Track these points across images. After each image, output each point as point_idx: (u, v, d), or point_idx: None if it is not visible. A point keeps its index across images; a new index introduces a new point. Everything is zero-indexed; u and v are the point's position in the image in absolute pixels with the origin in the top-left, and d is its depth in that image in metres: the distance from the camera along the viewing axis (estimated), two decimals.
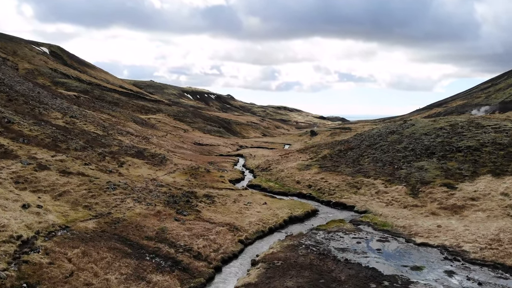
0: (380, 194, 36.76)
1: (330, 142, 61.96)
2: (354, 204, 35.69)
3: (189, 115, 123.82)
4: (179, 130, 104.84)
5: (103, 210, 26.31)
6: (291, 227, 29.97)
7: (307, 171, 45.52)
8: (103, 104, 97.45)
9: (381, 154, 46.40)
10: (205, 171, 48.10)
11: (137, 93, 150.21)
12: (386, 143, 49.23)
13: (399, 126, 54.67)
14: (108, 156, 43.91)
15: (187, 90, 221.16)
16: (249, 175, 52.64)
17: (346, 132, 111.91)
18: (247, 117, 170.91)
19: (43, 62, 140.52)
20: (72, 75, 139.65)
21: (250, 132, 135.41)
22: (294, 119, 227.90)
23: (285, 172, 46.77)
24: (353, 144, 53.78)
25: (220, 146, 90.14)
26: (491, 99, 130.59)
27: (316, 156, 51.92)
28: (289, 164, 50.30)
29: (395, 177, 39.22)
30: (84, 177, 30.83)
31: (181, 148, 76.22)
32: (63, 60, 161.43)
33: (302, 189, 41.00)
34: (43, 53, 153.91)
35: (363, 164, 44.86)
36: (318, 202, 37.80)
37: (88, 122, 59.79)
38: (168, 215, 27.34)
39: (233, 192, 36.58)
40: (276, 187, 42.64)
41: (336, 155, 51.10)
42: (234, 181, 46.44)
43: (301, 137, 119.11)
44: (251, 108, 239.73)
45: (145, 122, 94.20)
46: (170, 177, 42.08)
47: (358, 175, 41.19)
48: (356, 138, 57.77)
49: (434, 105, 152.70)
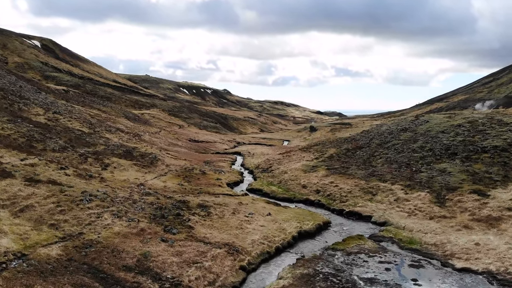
0: (400, 202, 31.72)
1: (335, 140, 56.88)
2: (370, 213, 30.65)
3: (184, 110, 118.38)
4: (174, 126, 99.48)
5: (73, 230, 21.10)
6: (301, 245, 24.91)
7: (314, 173, 40.41)
8: (94, 99, 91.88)
9: (395, 154, 41.35)
10: (200, 173, 42.92)
11: (131, 87, 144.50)
12: (399, 142, 44.18)
13: (411, 123, 49.63)
14: (91, 158, 38.63)
15: (183, 85, 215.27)
16: (249, 177, 47.51)
17: (346, 128, 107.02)
18: (244, 112, 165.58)
19: (34, 55, 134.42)
20: (63, 69, 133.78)
21: (247, 127, 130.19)
22: (291, 114, 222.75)
23: (288, 174, 41.62)
24: (361, 143, 48.72)
25: (216, 143, 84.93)
26: (494, 94, 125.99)
27: (321, 156, 46.81)
28: (293, 165, 45.18)
29: (415, 182, 34.17)
30: (55, 186, 25.57)
31: (175, 145, 70.95)
32: (55, 54, 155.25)
33: (309, 194, 35.90)
34: (34, 46, 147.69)
35: (376, 166, 39.80)
36: (328, 210, 32.74)
37: (74, 118, 54.39)
38: (154, 234, 22.18)
39: (232, 200, 31.45)
40: (279, 192, 37.50)
41: (344, 154, 46.02)
42: (233, 184, 41.30)
43: (300, 133, 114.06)
44: (248, 103, 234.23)
45: (138, 118, 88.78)
46: (160, 181, 36.88)
47: (372, 179, 36.11)
48: (363, 135, 52.70)
49: (435, 100, 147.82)
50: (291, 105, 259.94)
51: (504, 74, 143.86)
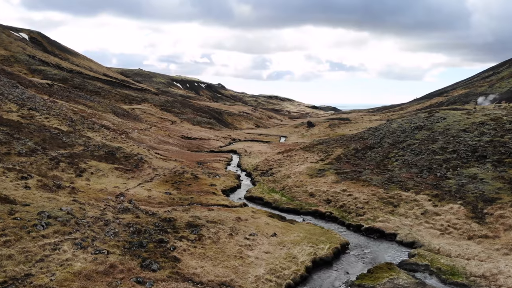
0: (429, 216, 26.34)
1: (338, 138, 51.42)
2: (395, 231, 25.25)
3: (177, 105, 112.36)
4: (166, 121, 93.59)
5: (18, 271, 15.46)
6: (317, 279, 19.44)
7: (321, 178, 34.90)
8: (81, 94, 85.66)
9: (413, 156, 35.97)
10: (191, 178, 37.31)
11: (122, 81, 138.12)
12: (416, 142, 38.80)
13: (425, 120, 44.25)
14: (65, 162, 32.87)
15: (176, 79, 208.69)
16: (246, 180, 41.96)
17: (345, 124, 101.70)
18: (239, 107, 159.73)
19: (21, 48, 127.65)
20: (51, 63, 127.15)
21: (242, 123, 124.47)
22: (286, 109, 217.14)
23: (292, 179, 36.08)
24: (371, 142, 43.30)
25: (210, 140, 79.26)
26: (495, 88, 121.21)
27: (327, 157, 41.35)
28: (296, 168, 39.67)
29: (443, 191, 28.78)
30: (4, 206, 19.85)
31: (166, 143, 65.21)
32: (43, 47, 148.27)
33: (318, 205, 30.40)
34: (22, 39, 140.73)
35: (393, 170, 34.39)
36: (342, 225, 27.31)
37: (52, 115, 48.44)
38: (127, 271, 16.60)
39: (229, 214, 25.90)
40: (283, 201, 31.95)
41: (353, 155, 40.59)
42: (229, 191, 35.76)
43: (297, 129, 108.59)
44: (243, 98, 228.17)
45: (127, 113, 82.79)
46: (144, 189, 31.22)
47: (392, 187, 30.68)
48: (371, 133, 47.27)
49: (434, 94, 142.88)
50: (286, 100, 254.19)
51: (504, 68, 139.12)
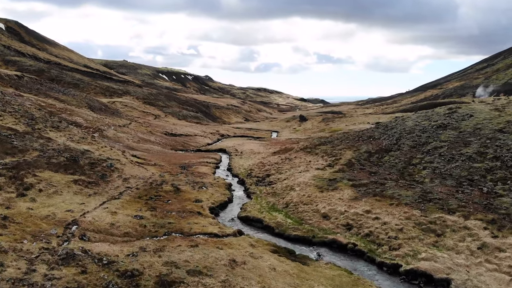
0: (489, 252, 19.14)
1: (343, 137, 44.06)
2: (447, 274, 17.98)
3: (161, 98, 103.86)
4: (149, 116, 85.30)
5: None
6: None
7: (335, 192, 27.39)
8: (54, 86, 76.76)
9: (445, 164, 28.76)
10: (172, 191, 29.59)
11: (104, 73, 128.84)
12: (443, 145, 31.60)
13: (448, 117, 37.13)
14: (6, 176, 24.86)
15: (162, 71, 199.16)
16: (239, 190, 34.35)
17: (340, 118, 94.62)
18: (227, 100, 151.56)
19: None
20: (28, 53, 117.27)
21: (231, 116, 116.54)
22: (275, 101, 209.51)
23: (297, 193, 28.49)
24: (385, 143, 36.05)
25: (197, 137, 71.35)
26: (492, 80, 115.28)
27: (336, 162, 33.95)
28: (300, 176, 32.17)
29: (499, 214, 21.61)
30: None
31: (147, 141, 57.19)
32: (20, 37, 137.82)
33: (336, 231, 22.92)
34: None
35: (423, 182, 27.13)
36: (372, 263, 19.96)
37: (8, 112, 40.14)
38: None
39: (219, 254, 18.34)
40: (289, 225, 24.36)
41: (367, 160, 33.29)
42: (218, 208, 28.15)
43: (289, 123, 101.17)
44: (231, 90, 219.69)
45: (106, 108, 74.28)
46: (108, 211, 23.42)
47: (429, 207, 23.37)
48: (383, 132, 40.03)
49: (427, 87, 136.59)
50: (275, 92, 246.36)
51: (499, 60, 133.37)
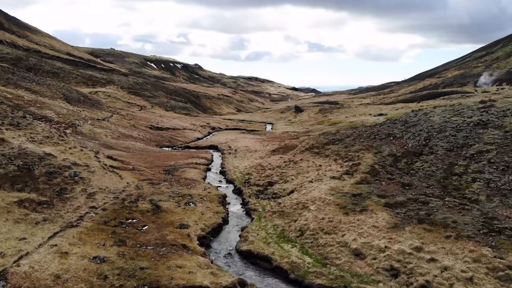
0: None
1: (355, 133, 37.20)
2: None
3: (148, 87, 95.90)
4: (134, 107, 77.54)
5: None
6: None
7: (365, 216, 20.36)
8: (28, 75, 68.48)
9: (500, 175, 22.05)
10: (150, 210, 22.50)
11: (88, 61, 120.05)
12: (491, 148, 24.89)
13: (485, 113, 30.42)
14: None
15: (150, 59, 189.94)
16: (236, 204, 27.30)
17: (338, 109, 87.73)
18: (218, 89, 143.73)
19: None
20: (6, 40, 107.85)
21: (222, 107, 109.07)
22: (266, 91, 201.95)
23: (313, 214, 21.41)
24: (411, 143, 29.28)
25: (186, 130, 64.03)
26: (493, 69, 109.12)
27: (354, 168, 27.07)
28: (313, 189, 25.18)
29: None
30: None
31: (128, 137, 49.80)
32: None
33: (376, 278, 16.01)
34: None
35: (478, 200, 20.39)
36: None
37: None
38: None
39: None
40: (308, 265, 17.36)
41: (393, 166, 26.49)
42: (210, 236, 21.07)
43: (284, 114, 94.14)
44: (221, 79, 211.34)
45: (85, 99, 66.40)
46: (56, 252, 16.27)
47: (502, 242, 16.59)
48: (402, 129, 33.24)
49: (425, 75, 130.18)
50: (266, 81, 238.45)
51: (498, 48, 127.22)
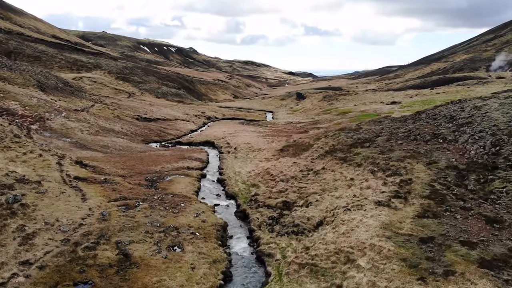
0: None
1: (387, 131, 29.41)
2: None
3: (138, 72, 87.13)
4: (121, 94, 69.02)
5: None
6: None
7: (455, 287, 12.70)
8: (1, 60, 59.69)
9: None
10: (114, 264, 14.68)
11: (76, 44, 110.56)
12: None
13: None
14: None
15: (143, 42, 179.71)
16: (242, 240, 19.38)
17: (344, 95, 79.67)
18: (213, 74, 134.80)
19: None
20: None
21: (218, 93, 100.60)
22: (263, 75, 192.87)
23: (368, 279, 13.51)
24: (473, 151, 21.56)
25: (178, 121, 55.92)
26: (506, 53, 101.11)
27: (407, 189, 19.27)
28: (356, 226, 17.36)
29: None
30: None
31: (110, 132, 41.66)
32: None
33: None
34: None
35: None
36: None
37: None
38: None
39: None
40: None
41: (460, 186, 18.76)
42: None
43: (285, 101, 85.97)
44: (216, 63, 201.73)
45: (65, 86, 57.83)
46: None
47: None
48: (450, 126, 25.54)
49: (431, 60, 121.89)
50: (262, 65, 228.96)
51: (506, 31, 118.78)
